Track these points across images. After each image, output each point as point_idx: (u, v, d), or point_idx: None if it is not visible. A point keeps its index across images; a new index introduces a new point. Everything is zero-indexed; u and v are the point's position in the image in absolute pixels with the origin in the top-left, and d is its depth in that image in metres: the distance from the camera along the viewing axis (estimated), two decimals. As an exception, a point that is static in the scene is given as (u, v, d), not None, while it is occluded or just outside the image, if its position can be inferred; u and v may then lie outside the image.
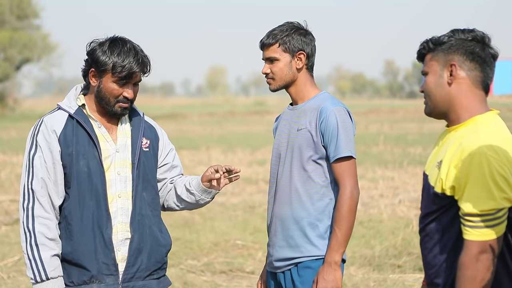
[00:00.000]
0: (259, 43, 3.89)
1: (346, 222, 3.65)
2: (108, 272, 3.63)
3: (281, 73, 3.85)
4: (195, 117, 44.20)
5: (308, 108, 3.81)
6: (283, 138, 3.86)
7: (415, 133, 27.01)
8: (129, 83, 3.67)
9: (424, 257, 3.16)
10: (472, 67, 3.03)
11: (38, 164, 3.60)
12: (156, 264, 3.75)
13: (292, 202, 3.77)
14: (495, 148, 2.89)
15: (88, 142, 3.64)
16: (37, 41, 52.22)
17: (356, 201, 3.69)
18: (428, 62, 3.09)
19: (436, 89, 3.07)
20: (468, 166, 2.89)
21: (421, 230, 3.15)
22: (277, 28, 3.86)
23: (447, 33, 3.07)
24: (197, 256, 8.62)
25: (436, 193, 3.01)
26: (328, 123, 3.70)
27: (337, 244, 3.65)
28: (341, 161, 3.70)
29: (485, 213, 2.85)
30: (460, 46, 3.02)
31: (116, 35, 3.74)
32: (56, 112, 3.70)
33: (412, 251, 8.37)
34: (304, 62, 3.85)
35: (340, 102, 3.82)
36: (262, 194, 13.07)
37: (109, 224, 3.63)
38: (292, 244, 3.76)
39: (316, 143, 3.73)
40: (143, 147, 3.76)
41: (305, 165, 3.75)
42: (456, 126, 3.05)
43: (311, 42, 3.87)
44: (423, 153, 18.28)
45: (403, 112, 45.09)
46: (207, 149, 21.22)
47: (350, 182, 3.69)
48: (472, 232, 2.88)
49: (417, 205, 11.00)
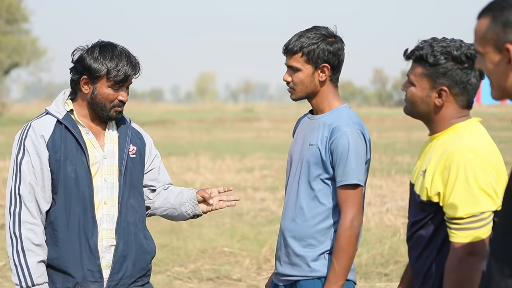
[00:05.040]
0: (283, 47, 3.65)
1: (345, 255, 3.48)
2: (92, 279, 3.62)
3: (302, 84, 3.62)
4: (184, 124, 44.15)
5: (323, 123, 3.60)
6: (297, 148, 3.70)
7: (403, 142, 27.05)
8: (123, 87, 3.67)
9: (412, 265, 3.19)
10: (460, 92, 3.06)
11: (25, 169, 3.58)
12: (140, 271, 3.73)
13: (295, 219, 3.63)
14: (478, 153, 2.94)
15: (76, 148, 3.63)
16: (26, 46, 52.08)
17: (356, 231, 3.49)
18: (418, 75, 3.09)
19: (420, 103, 3.10)
20: (453, 171, 2.93)
21: (409, 238, 3.18)
22: (303, 35, 3.61)
23: (442, 48, 3.03)
24: (184, 263, 8.60)
25: (422, 201, 3.04)
26: (338, 145, 3.51)
27: (335, 277, 3.49)
28: (347, 188, 3.51)
29: (470, 215, 2.89)
30: (454, 72, 3.03)
31: (102, 40, 3.73)
32: (44, 117, 3.68)
33: (399, 260, 8.38)
34: (328, 75, 3.62)
35: (357, 121, 3.59)
36: (250, 202, 13.05)
37: (95, 230, 3.62)
38: (293, 262, 3.64)
39: (325, 162, 3.55)
40: (130, 153, 3.75)
41: (312, 183, 3.58)
42: (438, 134, 3.09)
43: (338, 52, 3.61)
44: (411, 162, 18.32)
45: (391, 120, 45.15)
46: (196, 156, 21.18)
47: (352, 211, 3.49)
48: (458, 234, 2.91)
49: (404, 214, 11.01)
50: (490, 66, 2.26)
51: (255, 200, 13.18)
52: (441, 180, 2.96)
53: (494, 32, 2.21)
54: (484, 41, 2.25)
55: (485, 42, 2.25)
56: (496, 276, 2.16)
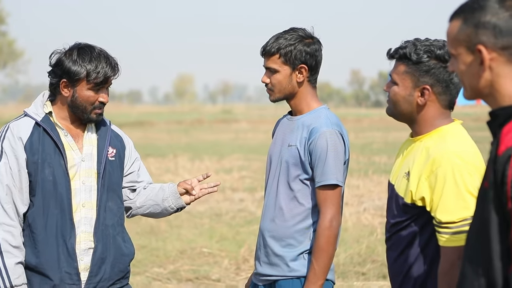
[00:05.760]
0: (261, 48, 3.65)
1: (324, 255, 3.48)
2: (70, 281, 3.60)
3: (280, 85, 3.63)
4: (162, 125, 44.04)
5: (302, 124, 3.61)
6: (276, 148, 3.70)
7: (380, 142, 27.13)
8: (103, 88, 3.66)
9: (390, 265, 3.19)
10: (442, 91, 3.07)
11: (3, 171, 3.56)
12: (119, 273, 3.72)
13: (275, 220, 3.64)
14: (464, 157, 2.94)
15: (54, 151, 3.61)
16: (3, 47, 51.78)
17: (335, 231, 3.49)
18: (401, 73, 3.09)
19: (403, 103, 3.10)
20: (441, 177, 2.93)
21: (388, 238, 3.18)
22: (281, 36, 3.61)
23: (426, 46, 3.06)
24: (163, 264, 8.58)
25: (406, 204, 3.03)
26: (317, 145, 3.51)
27: (315, 277, 3.49)
28: (326, 189, 3.51)
29: (462, 219, 2.90)
30: (436, 71, 3.05)
31: (79, 42, 3.71)
32: (23, 118, 3.66)
33: (376, 259, 8.41)
34: (306, 76, 3.62)
35: (335, 122, 3.59)
36: (228, 202, 13.05)
37: (73, 233, 3.60)
38: (272, 262, 3.64)
39: (304, 163, 3.55)
40: (108, 156, 3.73)
41: (291, 184, 3.58)
42: (421, 136, 3.09)
43: (315, 53, 3.61)
44: (388, 162, 18.40)
45: (368, 121, 45.32)
46: (174, 157, 21.14)
47: (331, 211, 3.49)
48: (450, 238, 2.91)
49: (381, 213, 11.06)
50: (462, 67, 2.28)
51: (233, 201, 13.18)
52: (428, 185, 2.96)
53: (466, 34, 2.24)
54: (456, 42, 2.27)
55: (457, 44, 2.27)
56: (470, 276, 2.18)
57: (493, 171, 2.14)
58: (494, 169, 2.14)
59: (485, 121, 2.29)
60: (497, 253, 2.12)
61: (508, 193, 2.08)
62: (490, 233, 2.13)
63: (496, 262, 2.12)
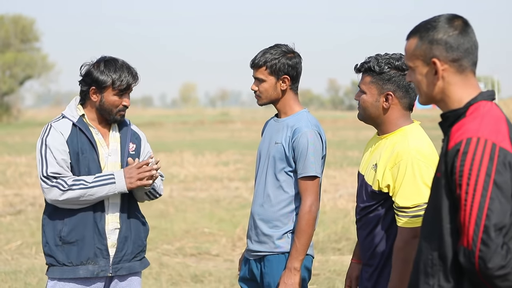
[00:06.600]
0: (250, 61, 3.68)
1: (304, 234, 3.49)
2: (101, 255, 3.64)
3: (266, 92, 3.65)
4: (170, 126, 43.94)
5: (286, 125, 3.62)
6: (265, 145, 3.71)
7: (353, 139, 27.20)
8: (126, 94, 3.69)
9: (360, 242, 3.20)
10: (403, 95, 3.09)
11: (51, 160, 3.57)
12: (138, 248, 3.76)
13: (263, 205, 3.64)
14: (422, 152, 2.96)
15: (89, 146, 3.64)
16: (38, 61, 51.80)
17: (314, 215, 3.51)
18: (367, 83, 3.12)
19: (371, 108, 3.12)
20: (402, 168, 2.95)
21: (358, 220, 3.19)
22: (267, 51, 3.64)
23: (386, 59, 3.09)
24: (171, 242, 8.58)
25: (374, 191, 3.05)
26: (299, 143, 3.52)
27: (297, 253, 3.50)
28: (306, 179, 3.52)
29: (416, 205, 2.91)
30: (396, 78, 3.07)
31: (105, 55, 3.73)
32: (61, 120, 3.69)
33: (350, 237, 8.43)
34: (288, 85, 3.64)
35: (315, 123, 3.61)
36: (225, 190, 13.04)
37: (103, 216, 3.64)
38: (261, 240, 3.65)
39: (288, 158, 3.56)
40: (130, 150, 3.76)
41: (277, 175, 3.59)
42: (387, 134, 3.11)
43: (296, 65, 3.64)
44: (360, 156, 18.43)
45: (343, 122, 45.35)
46: (180, 152, 21.11)
47: (310, 198, 3.51)
48: (405, 220, 2.93)
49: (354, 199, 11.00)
50: (419, 77, 2.29)
51: (230, 189, 13.18)
52: (391, 175, 2.98)
53: (421, 49, 2.25)
54: (413, 57, 2.28)
55: (414, 58, 2.28)
56: (426, 250, 2.20)
57: (444, 163, 2.16)
58: (445, 161, 2.15)
59: (438, 123, 2.31)
60: (447, 231, 2.14)
61: (457, 181, 2.10)
62: (442, 215, 2.15)
63: (447, 238, 2.14)
